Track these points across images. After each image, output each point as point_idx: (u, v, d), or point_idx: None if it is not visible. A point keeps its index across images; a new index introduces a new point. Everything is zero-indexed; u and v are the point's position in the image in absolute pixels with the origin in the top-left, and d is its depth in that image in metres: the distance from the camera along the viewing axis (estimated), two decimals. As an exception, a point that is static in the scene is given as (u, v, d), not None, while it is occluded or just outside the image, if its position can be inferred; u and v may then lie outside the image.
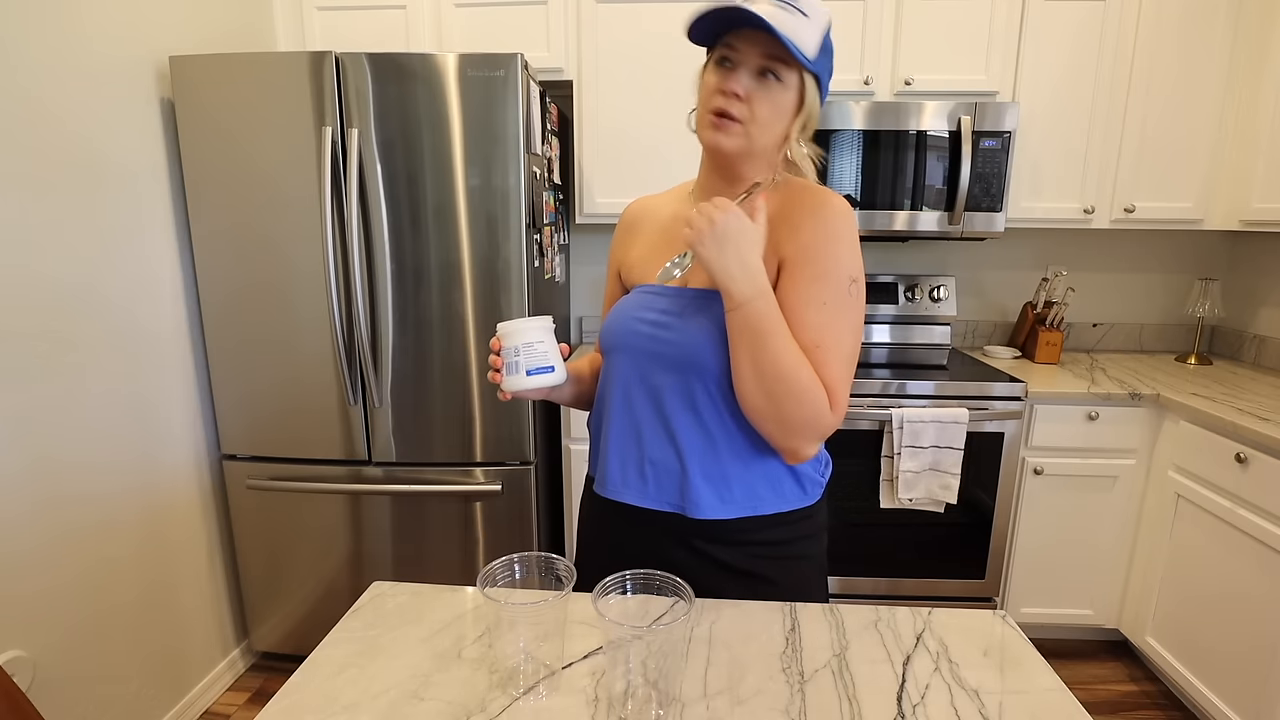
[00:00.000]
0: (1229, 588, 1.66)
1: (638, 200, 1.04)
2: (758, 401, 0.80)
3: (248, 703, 1.91)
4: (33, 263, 1.40)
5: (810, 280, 0.82)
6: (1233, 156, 2.05)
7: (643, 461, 0.89)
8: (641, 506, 0.90)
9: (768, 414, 0.81)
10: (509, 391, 0.87)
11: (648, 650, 0.65)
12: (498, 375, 0.87)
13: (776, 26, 0.76)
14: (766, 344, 0.78)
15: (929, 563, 2.02)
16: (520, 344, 0.85)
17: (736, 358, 0.80)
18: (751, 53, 0.81)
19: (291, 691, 0.71)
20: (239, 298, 1.78)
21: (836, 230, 0.83)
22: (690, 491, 0.87)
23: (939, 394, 1.92)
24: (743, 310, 0.78)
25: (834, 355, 0.81)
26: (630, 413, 0.90)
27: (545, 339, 0.86)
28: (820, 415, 0.80)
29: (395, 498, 1.88)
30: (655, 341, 0.88)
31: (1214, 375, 2.12)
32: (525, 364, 0.85)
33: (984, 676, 0.73)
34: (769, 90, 0.82)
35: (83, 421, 1.52)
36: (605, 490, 0.93)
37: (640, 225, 1.00)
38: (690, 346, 0.85)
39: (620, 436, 0.91)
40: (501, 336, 0.86)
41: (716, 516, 0.87)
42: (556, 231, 2.13)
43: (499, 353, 0.87)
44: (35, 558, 1.42)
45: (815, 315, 0.82)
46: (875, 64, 2.05)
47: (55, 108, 1.44)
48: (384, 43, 2.11)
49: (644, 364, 0.89)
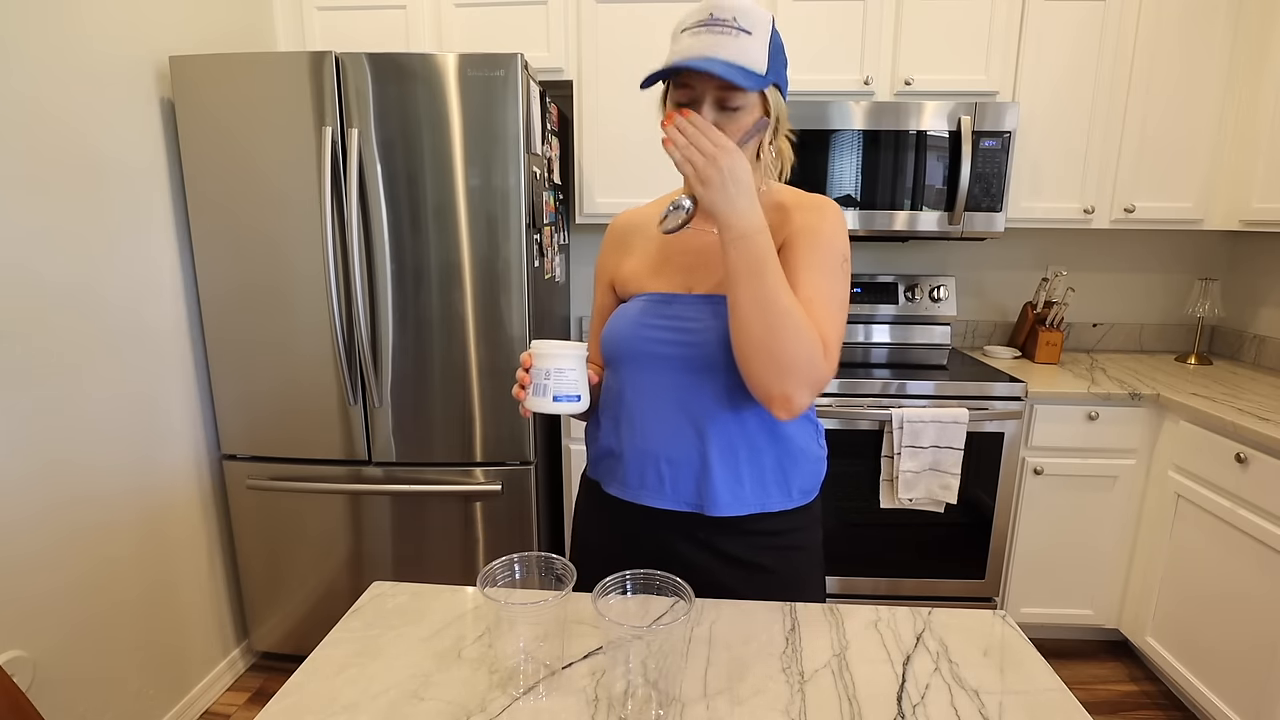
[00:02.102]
0: (1229, 588, 1.66)
1: (624, 214, 1.06)
2: (756, 333, 0.79)
3: (248, 703, 1.91)
4: (32, 263, 1.40)
5: (807, 249, 0.87)
6: (1233, 156, 2.05)
7: (660, 463, 0.91)
8: (658, 508, 0.92)
9: (765, 348, 0.79)
10: (531, 410, 0.87)
11: (648, 650, 0.65)
12: (522, 392, 0.87)
13: (722, 57, 0.78)
14: (766, 277, 0.78)
15: (929, 563, 2.02)
16: (552, 368, 0.85)
17: (735, 292, 0.80)
18: (707, 87, 0.82)
19: (291, 691, 0.71)
20: (239, 298, 1.78)
21: (831, 218, 0.90)
22: (709, 490, 0.90)
23: (939, 394, 1.92)
24: (745, 242, 0.78)
25: (827, 310, 0.84)
26: (648, 417, 0.92)
27: (578, 367, 0.86)
28: (815, 359, 0.80)
29: (395, 498, 1.88)
30: (673, 346, 0.90)
31: (1214, 375, 2.12)
32: (554, 389, 0.85)
33: (984, 676, 0.73)
34: (733, 117, 0.83)
35: (83, 422, 1.52)
36: (623, 492, 0.95)
37: (631, 239, 1.02)
38: (708, 348, 0.87)
39: (637, 440, 0.93)
40: (534, 356, 0.86)
41: (731, 514, 0.91)
42: (556, 231, 2.13)
43: (528, 369, 0.87)
44: (35, 557, 1.42)
45: (811, 276, 0.85)
46: (875, 64, 2.05)
47: (55, 108, 1.44)
48: (384, 43, 2.11)
49: (662, 369, 0.91)
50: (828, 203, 0.92)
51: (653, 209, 1.03)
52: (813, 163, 2.05)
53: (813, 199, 0.93)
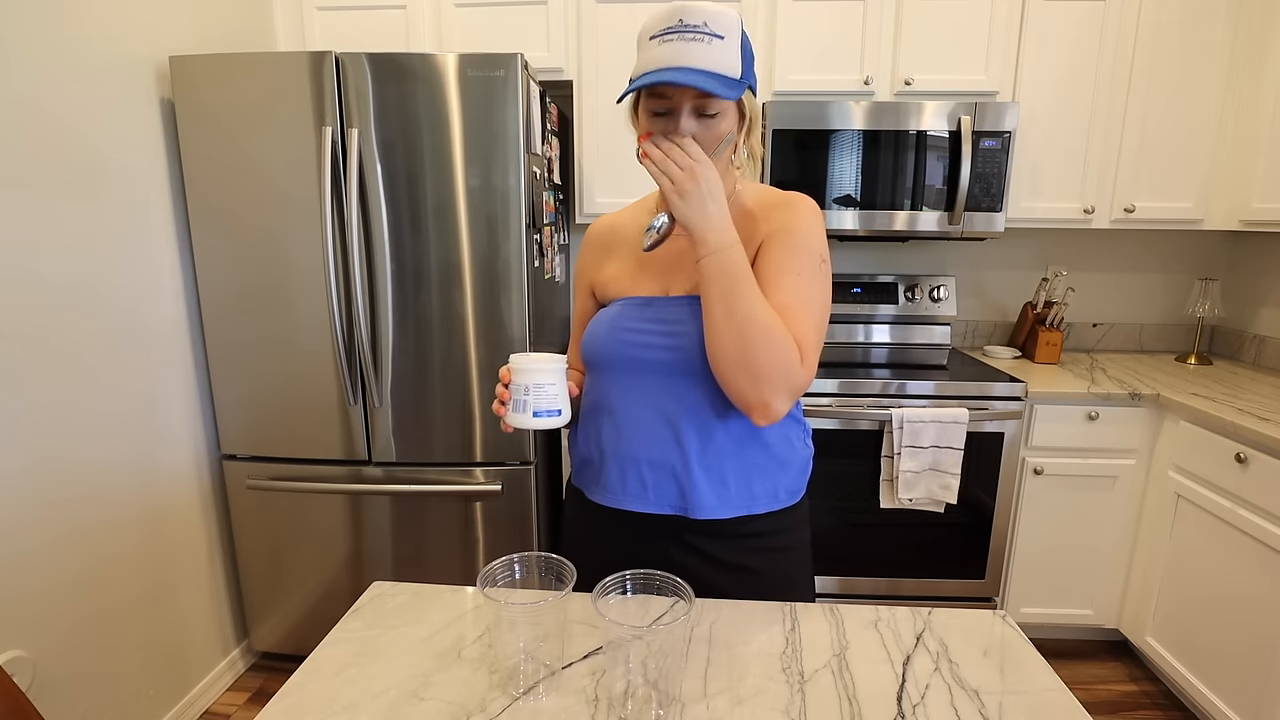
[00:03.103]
0: (1229, 588, 1.66)
1: (602, 219, 1.06)
2: (729, 345, 0.80)
3: (248, 703, 1.91)
4: (32, 263, 1.40)
5: (783, 252, 0.87)
6: (1233, 157, 2.05)
7: (641, 467, 0.91)
8: (641, 512, 0.92)
9: (739, 360, 0.80)
10: (512, 426, 0.86)
11: (648, 650, 0.65)
12: (502, 408, 0.87)
13: (698, 65, 0.78)
14: (740, 290, 0.79)
15: (929, 563, 2.02)
16: (531, 383, 0.84)
17: (709, 305, 0.81)
18: (684, 97, 0.81)
19: (291, 691, 0.71)
20: (239, 297, 1.78)
21: (807, 216, 0.89)
22: (692, 493, 0.89)
23: (939, 394, 1.92)
24: (718, 256, 0.79)
25: (804, 315, 0.84)
26: (629, 421, 0.91)
27: (557, 381, 0.85)
28: (791, 366, 0.81)
29: (395, 498, 1.88)
30: (652, 349, 0.89)
31: (1214, 375, 2.12)
32: (534, 405, 0.84)
33: (984, 676, 0.73)
34: (711, 124, 0.83)
35: (82, 421, 1.52)
36: (604, 498, 0.95)
37: (611, 244, 1.01)
38: (689, 351, 0.87)
39: (618, 445, 0.92)
40: (513, 371, 0.85)
41: (716, 516, 0.90)
42: (556, 231, 2.13)
43: (507, 385, 0.86)
44: (35, 557, 1.42)
45: (788, 281, 0.85)
46: (875, 64, 2.05)
47: (55, 108, 1.44)
48: (384, 43, 2.11)
49: (641, 372, 0.90)
50: (802, 199, 0.91)
51: (631, 213, 1.03)
52: (813, 163, 2.05)
53: (787, 196, 0.92)
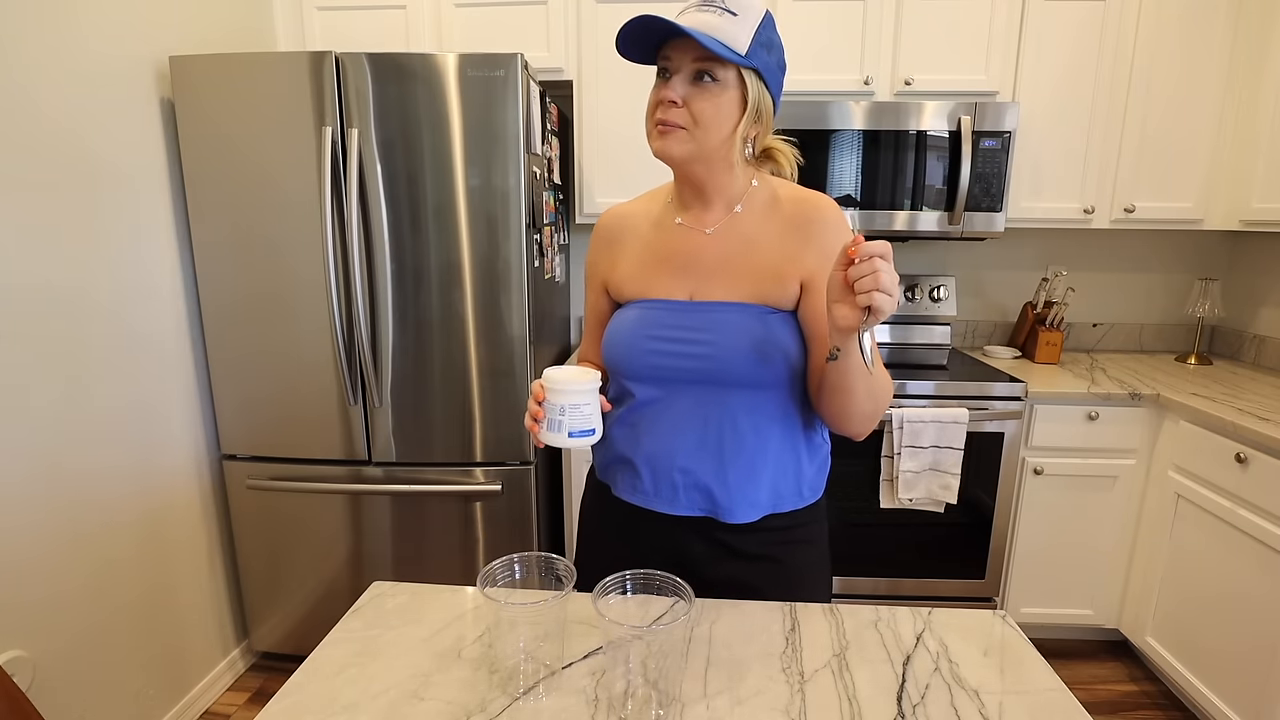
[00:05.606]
0: (1229, 588, 1.66)
1: (611, 211, 1.04)
2: (866, 410, 0.85)
3: (248, 703, 1.91)
4: (32, 265, 1.40)
5: None
6: (1233, 156, 2.05)
7: (674, 472, 0.91)
8: (672, 514, 0.92)
9: (872, 415, 0.86)
10: (544, 444, 0.86)
11: (648, 650, 0.65)
12: (535, 425, 0.85)
13: (702, 30, 0.79)
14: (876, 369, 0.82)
15: (929, 563, 2.02)
16: (567, 404, 0.83)
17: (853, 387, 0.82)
18: (684, 59, 0.83)
19: (291, 691, 0.71)
20: (239, 298, 1.78)
21: (842, 233, 0.89)
22: (723, 499, 0.90)
23: (939, 394, 1.92)
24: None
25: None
26: (660, 428, 0.91)
27: (591, 401, 0.85)
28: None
29: (395, 498, 1.88)
30: (680, 358, 0.89)
31: (1214, 375, 2.12)
32: (569, 425, 0.83)
33: (984, 676, 0.73)
34: (706, 91, 0.83)
35: (83, 423, 1.52)
36: (635, 498, 0.94)
37: (622, 237, 1.00)
38: (720, 360, 0.87)
39: (650, 449, 0.92)
40: (548, 390, 0.83)
41: (747, 520, 0.91)
42: (556, 231, 2.13)
43: (541, 402, 0.85)
44: (36, 559, 1.42)
45: None
46: (875, 64, 2.05)
47: (54, 108, 1.44)
48: (384, 43, 2.11)
49: (670, 382, 0.90)
50: (835, 211, 0.91)
51: (641, 205, 1.02)
52: (813, 163, 2.05)
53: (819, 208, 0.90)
